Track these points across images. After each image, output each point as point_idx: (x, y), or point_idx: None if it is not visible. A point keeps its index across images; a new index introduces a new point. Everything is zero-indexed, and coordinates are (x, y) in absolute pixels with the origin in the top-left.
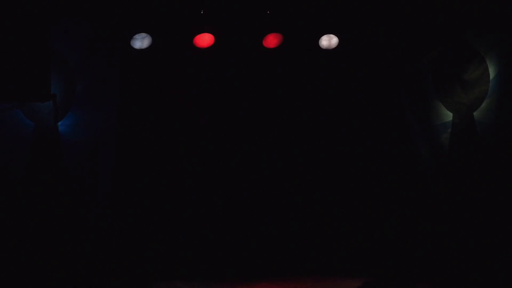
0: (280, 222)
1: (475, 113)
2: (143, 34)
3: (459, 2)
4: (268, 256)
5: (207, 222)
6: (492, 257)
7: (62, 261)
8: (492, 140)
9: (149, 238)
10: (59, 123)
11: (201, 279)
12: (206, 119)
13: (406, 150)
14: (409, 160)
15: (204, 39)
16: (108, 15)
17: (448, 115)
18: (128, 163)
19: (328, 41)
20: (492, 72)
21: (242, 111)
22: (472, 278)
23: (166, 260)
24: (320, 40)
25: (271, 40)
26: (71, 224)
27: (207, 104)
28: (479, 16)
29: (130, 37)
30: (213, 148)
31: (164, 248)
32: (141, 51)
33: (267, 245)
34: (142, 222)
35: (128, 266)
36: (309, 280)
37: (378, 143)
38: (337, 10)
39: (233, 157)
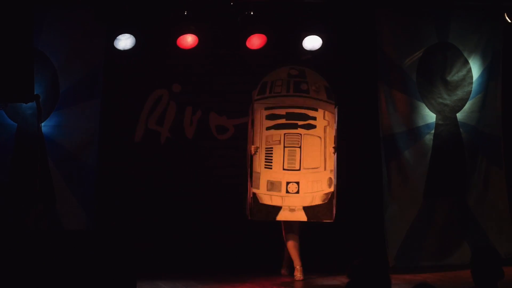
0: (264, 222)
1: (458, 114)
2: (127, 35)
3: (442, 4)
4: (253, 256)
5: (192, 222)
6: None
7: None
8: (475, 141)
9: (132, 238)
10: (43, 124)
11: (184, 279)
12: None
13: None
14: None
15: (188, 40)
16: (91, 16)
17: (431, 117)
18: (112, 164)
19: (312, 42)
20: (475, 73)
21: (226, 112)
22: None
23: (149, 261)
24: (303, 41)
25: (255, 41)
26: (53, 224)
27: (190, 104)
28: (462, 17)
29: (114, 37)
30: (197, 147)
31: (147, 249)
32: (124, 51)
33: (253, 244)
34: (126, 223)
35: (112, 266)
36: (296, 281)
37: (358, 143)
38: (321, 11)
39: (217, 155)
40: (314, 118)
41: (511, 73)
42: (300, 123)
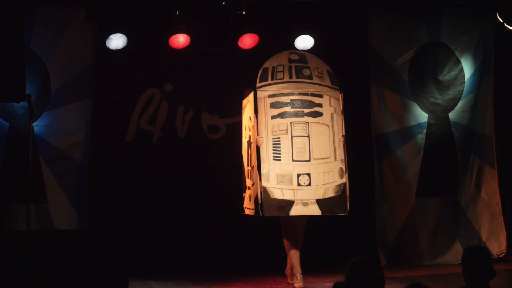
0: (255, 222)
1: (450, 114)
2: (119, 35)
3: (434, 4)
4: (246, 256)
5: (184, 221)
6: None
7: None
8: (467, 140)
9: (124, 237)
10: (34, 124)
11: (176, 278)
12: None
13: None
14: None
15: (179, 40)
16: (83, 15)
17: (424, 116)
18: (104, 163)
19: (304, 41)
20: (467, 72)
21: (218, 111)
22: None
23: (141, 260)
24: (295, 40)
25: (247, 41)
26: (45, 223)
27: (182, 103)
28: (454, 17)
29: (106, 37)
30: (189, 146)
31: (139, 248)
32: (116, 51)
33: (246, 244)
34: (117, 222)
35: (103, 266)
36: (285, 280)
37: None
38: (313, 10)
39: (209, 155)
40: (320, 105)
41: (503, 73)
42: (306, 110)
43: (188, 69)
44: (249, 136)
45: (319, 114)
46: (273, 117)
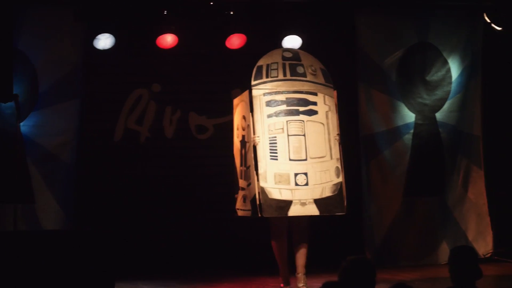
0: (244, 222)
1: (437, 114)
2: (106, 35)
3: (422, 4)
4: (232, 257)
5: (172, 222)
6: None
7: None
8: (454, 141)
9: (112, 238)
10: (22, 124)
11: (164, 279)
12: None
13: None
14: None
15: (167, 40)
16: (71, 15)
17: (411, 116)
18: (92, 163)
19: (292, 42)
20: (454, 73)
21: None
22: None
23: (129, 261)
24: (283, 41)
25: (234, 41)
26: (32, 224)
27: (169, 103)
28: (442, 17)
29: (93, 37)
30: (176, 147)
31: (127, 249)
32: (104, 51)
33: (234, 244)
34: (104, 223)
35: (90, 266)
36: (271, 281)
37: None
38: (301, 10)
39: (197, 155)
40: (315, 103)
41: (491, 73)
42: (301, 109)
43: (176, 69)
44: (243, 136)
45: (314, 112)
46: (269, 116)
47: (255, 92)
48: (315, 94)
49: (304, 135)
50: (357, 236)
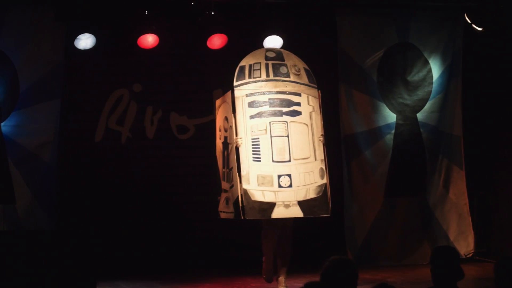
0: (226, 223)
1: (418, 115)
2: (87, 35)
3: (403, 4)
4: (214, 257)
5: (153, 222)
6: None
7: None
8: (435, 141)
9: (93, 238)
10: (2, 124)
11: (145, 280)
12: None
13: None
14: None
15: (148, 40)
16: (52, 15)
17: (392, 116)
18: (72, 164)
19: (273, 42)
20: (435, 73)
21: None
22: None
23: (110, 261)
24: (264, 41)
25: (216, 41)
26: (13, 224)
27: (150, 103)
28: (423, 18)
29: (74, 37)
30: (158, 147)
31: (107, 249)
32: (85, 51)
33: (213, 245)
34: (86, 223)
35: (72, 266)
36: (253, 281)
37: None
38: (282, 10)
39: (178, 155)
40: (299, 104)
41: (471, 74)
42: (284, 110)
43: (157, 69)
44: (225, 137)
45: (298, 113)
46: (251, 117)
47: (237, 93)
48: (299, 94)
49: (287, 136)
50: (338, 236)
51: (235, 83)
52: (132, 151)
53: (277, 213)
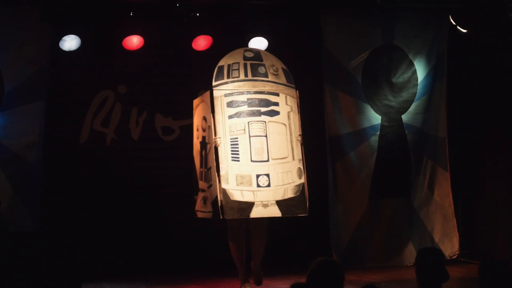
0: (212, 224)
1: (403, 116)
2: (72, 36)
3: (388, 6)
4: (200, 259)
5: (138, 224)
6: None
7: None
8: (420, 143)
9: (78, 240)
10: None
11: (130, 281)
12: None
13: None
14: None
15: (133, 41)
16: (36, 17)
17: (377, 118)
18: (57, 165)
19: (258, 43)
20: (420, 75)
21: (172, 113)
22: None
23: (95, 263)
24: (249, 42)
25: (201, 43)
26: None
27: (135, 105)
28: (408, 19)
29: (59, 38)
30: (142, 148)
31: (93, 250)
32: (70, 52)
33: (199, 247)
34: (70, 224)
35: (56, 268)
36: (238, 282)
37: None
38: (267, 12)
39: (163, 157)
40: (277, 104)
41: (456, 75)
42: (262, 109)
43: (142, 70)
44: (203, 137)
45: (276, 113)
46: (230, 117)
47: (216, 92)
48: (277, 94)
49: (266, 136)
50: (323, 238)
51: (213, 83)
52: (117, 152)
53: (255, 213)
